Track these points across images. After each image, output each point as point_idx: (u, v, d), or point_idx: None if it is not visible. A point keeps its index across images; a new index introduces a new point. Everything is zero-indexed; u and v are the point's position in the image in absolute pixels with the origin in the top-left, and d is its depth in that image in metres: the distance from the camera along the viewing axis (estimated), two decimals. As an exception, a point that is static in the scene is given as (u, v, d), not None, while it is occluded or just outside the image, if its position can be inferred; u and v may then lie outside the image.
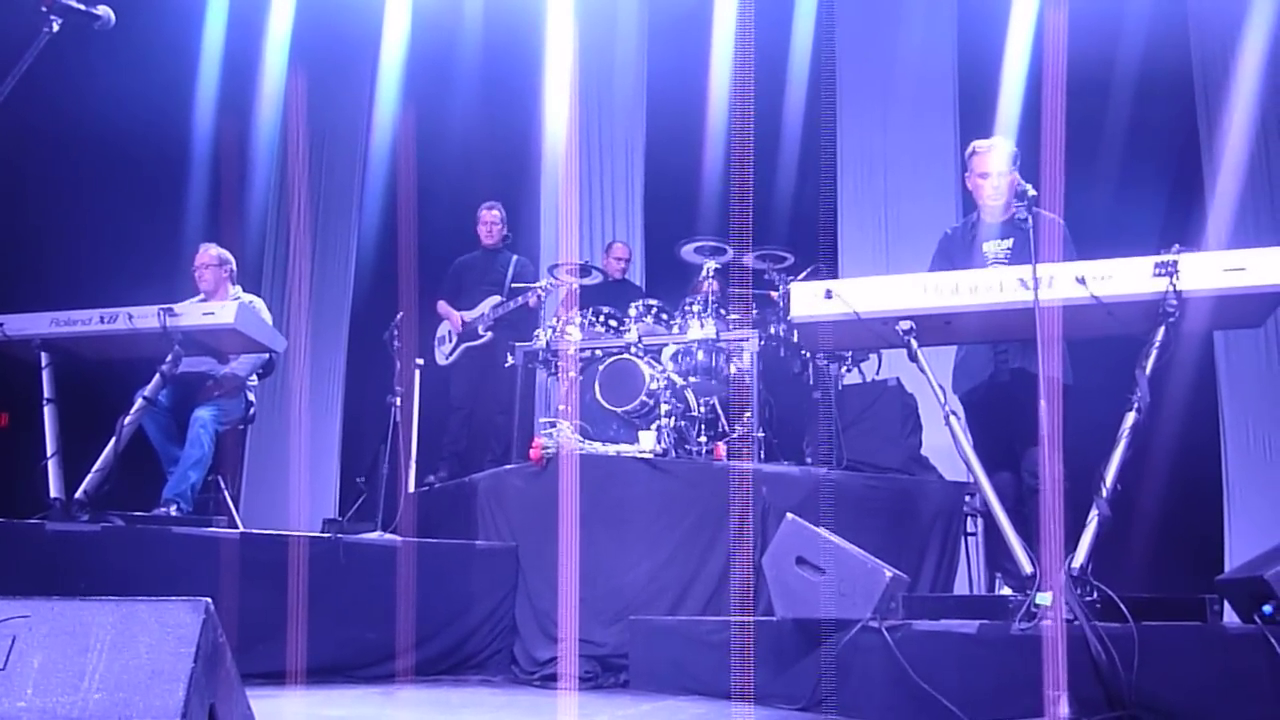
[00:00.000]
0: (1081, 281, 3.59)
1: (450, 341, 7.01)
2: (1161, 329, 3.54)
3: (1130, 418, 3.50)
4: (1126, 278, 3.59)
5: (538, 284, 6.83)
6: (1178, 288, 3.51)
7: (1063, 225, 4.42)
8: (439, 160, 8.82)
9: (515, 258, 7.17)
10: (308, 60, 9.13)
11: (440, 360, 7.02)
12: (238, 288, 6.10)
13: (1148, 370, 3.53)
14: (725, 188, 8.38)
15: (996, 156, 4.64)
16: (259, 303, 6.02)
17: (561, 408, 5.96)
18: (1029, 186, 3.79)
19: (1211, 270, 3.53)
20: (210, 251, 6.05)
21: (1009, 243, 4.59)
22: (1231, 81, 7.11)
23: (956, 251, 4.76)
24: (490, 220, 7.17)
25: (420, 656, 4.96)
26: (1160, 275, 3.53)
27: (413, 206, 8.52)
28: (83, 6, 3.32)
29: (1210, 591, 3.49)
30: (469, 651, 5.13)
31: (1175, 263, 3.52)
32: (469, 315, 6.94)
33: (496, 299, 6.93)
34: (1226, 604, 3.66)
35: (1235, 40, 7.09)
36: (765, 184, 8.39)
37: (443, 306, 7.08)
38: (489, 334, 6.88)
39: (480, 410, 6.97)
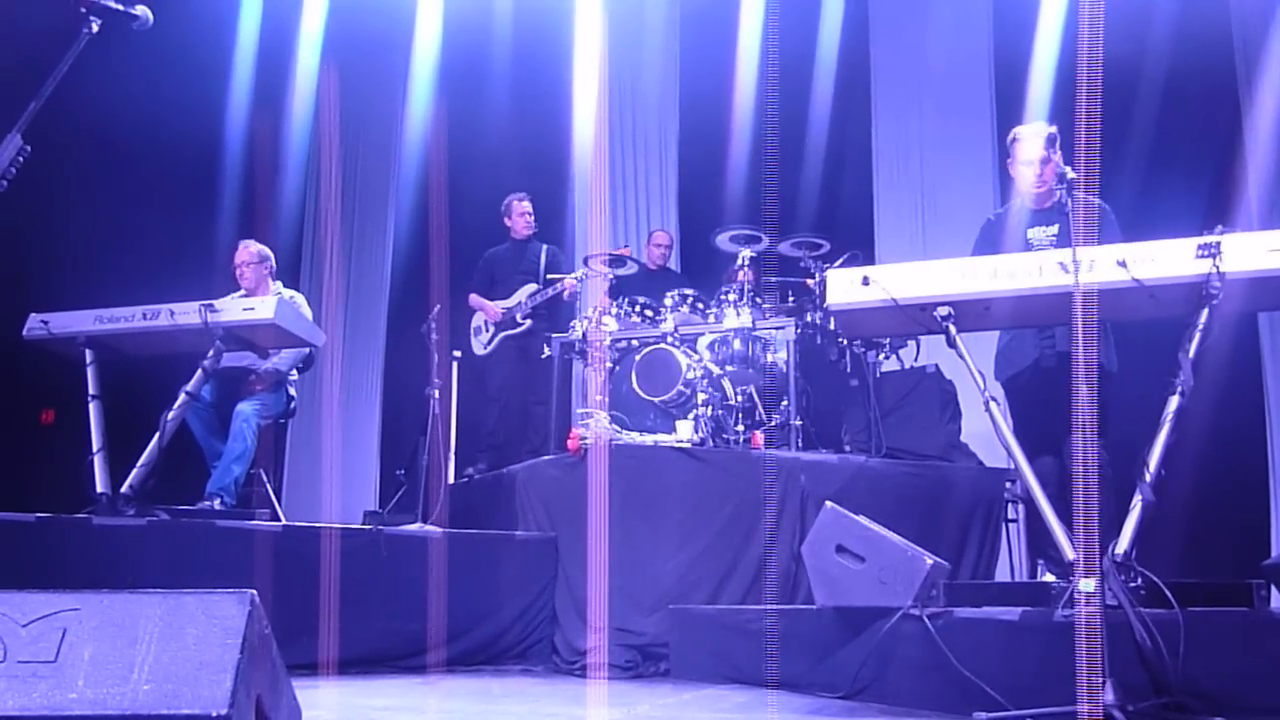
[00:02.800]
0: (1123, 264, 3.54)
1: (487, 331, 6.99)
2: (1204, 311, 3.48)
3: (1173, 401, 3.45)
4: (1169, 260, 3.54)
5: (574, 274, 6.81)
6: (1221, 269, 3.44)
7: (1108, 209, 4.37)
8: (472, 154, 8.84)
9: (545, 246, 7.13)
10: (340, 55, 9.19)
11: (479, 350, 7.00)
12: (278, 283, 6.13)
13: (1191, 353, 3.48)
14: (759, 176, 8.36)
15: (1037, 142, 4.58)
16: (300, 298, 6.07)
17: (598, 398, 5.96)
18: (1068, 169, 3.74)
19: (1255, 251, 3.47)
20: (250, 249, 6.08)
21: (1054, 228, 4.53)
22: (1274, 59, 6.98)
23: (999, 238, 4.71)
24: (527, 211, 7.13)
25: (460, 647, 5.00)
26: (1203, 257, 3.47)
27: (446, 200, 8.55)
28: (121, 7, 3.34)
29: (1256, 577, 3.45)
30: (509, 641, 5.17)
31: (1218, 244, 3.46)
32: (506, 304, 6.93)
33: (533, 286, 6.91)
34: (1273, 589, 3.62)
35: (1275, 13, 6.96)
36: (800, 171, 8.36)
37: (475, 299, 7.06)
38: (528, 322, 6.87)
39: (517, 400, 6.95)
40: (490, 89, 9.00)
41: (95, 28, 3.29)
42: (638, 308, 6.35)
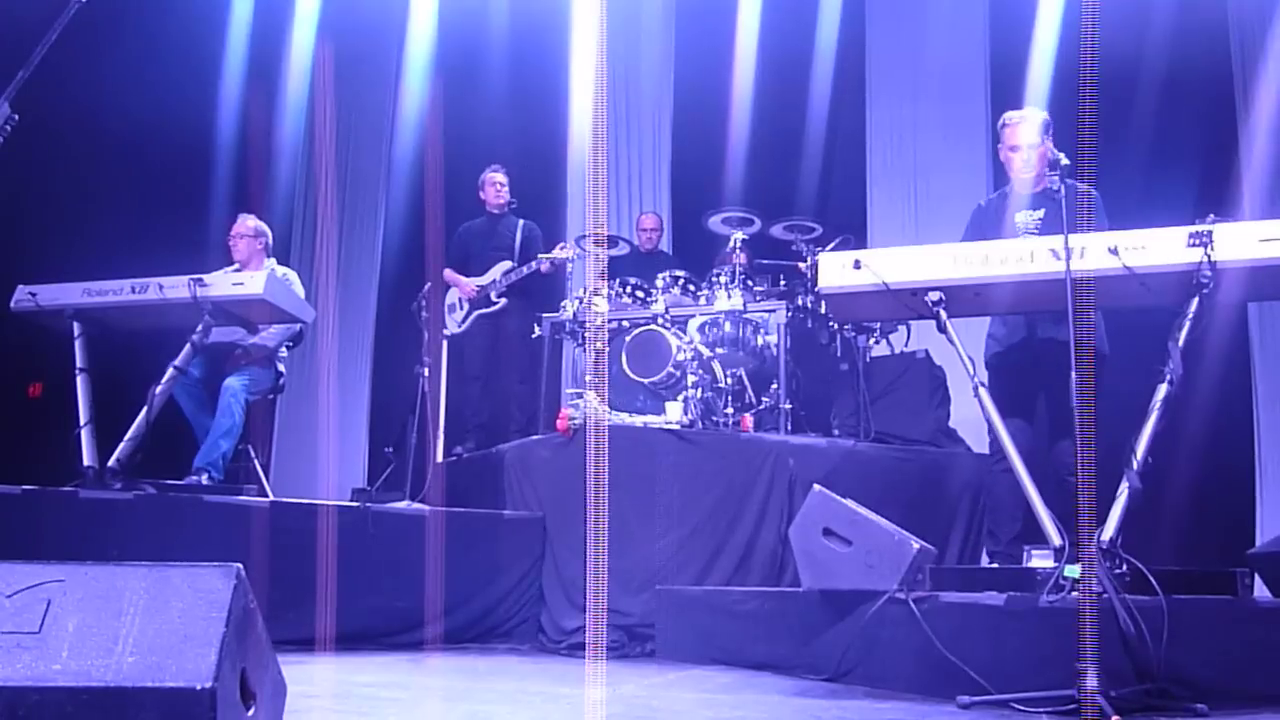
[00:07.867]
0: (1114, 252, 3.55)
1: (462, 309, 6.92)
2: (1195, 300, 3.50)
3: (1162, 390, 3.46)
4: (1160, 248, 3.55)
5: (560, 252, 6.73)
6: (1212, 258, 3.46)
7: (1096, 195, 4.36)
8: (466, 134, 8.80)
9: (522, 222, 7.02)
10: (335, 32, 9.12)
11: (453, 328, 6.92)
12: (271, 260, 6.09)
13: (1180, 342, 3.49)
14: (753, 159, 8.35)
15: (1028, 128, 4.57)
16: (293, 275, 6.03)
17: (588, 378, 5.96)
18: (1061, 156, 3.74)
19: (1247, 241, 3.48)
20: (248, 223, 6.04)
21: (1040, 213, 4.53)
22: (1268, 49, 6.98)
23: (988, 224, 4.70)
24: (498, 182, 7.01)
25: (448, 625, 5.01)
26: (1194, 246, 3.48)
27: (440, 178, 8.51)
28: (110, -24, 3.31)
29: (1240, 565, 3.47)
30: (496, 620, 5.18)
31: (1210, 233, 3.47)
32: (480, 281, 6.87)
33: (508, 264, 6.82)
34: (1257, 578, 3.64)
35: (1273, 6, 6.96)
36: (794, 155, 8.34)
37: (449, 274, 6.97)
38: (502, 300, 6.79)
39: (498, 379, 6.88)
40: (485, 70, 8.94)
41: (84, -3, 3.25)
42: (629, 289, 6.34)
